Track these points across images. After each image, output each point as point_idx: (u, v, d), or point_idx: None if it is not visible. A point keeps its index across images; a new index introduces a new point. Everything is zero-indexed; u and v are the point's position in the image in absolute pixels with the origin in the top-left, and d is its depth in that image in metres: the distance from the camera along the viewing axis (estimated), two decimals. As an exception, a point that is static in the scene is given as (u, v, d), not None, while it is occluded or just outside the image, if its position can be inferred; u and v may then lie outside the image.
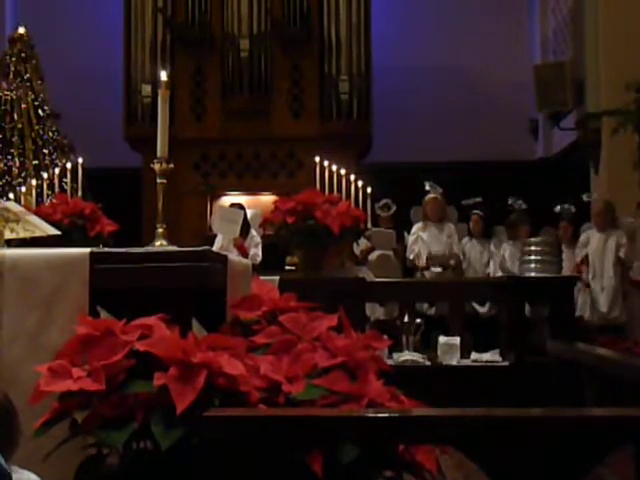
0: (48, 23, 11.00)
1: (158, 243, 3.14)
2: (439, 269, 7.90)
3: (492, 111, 11.29)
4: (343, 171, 6.86)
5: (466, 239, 8.31)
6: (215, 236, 7.59)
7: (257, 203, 9.74)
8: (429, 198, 8.12)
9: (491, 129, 11.15)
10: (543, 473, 1.97)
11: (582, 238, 7.79)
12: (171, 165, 3.20)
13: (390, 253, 8.21)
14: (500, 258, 8.11)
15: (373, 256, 8.11)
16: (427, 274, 7.99)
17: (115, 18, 10.88)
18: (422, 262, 8.04)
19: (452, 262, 8.00)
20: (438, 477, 2.50)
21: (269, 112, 10.65)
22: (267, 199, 9.59)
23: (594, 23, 9.23)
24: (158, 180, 3.21)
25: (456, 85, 11.44)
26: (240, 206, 7.92)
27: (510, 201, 8.13)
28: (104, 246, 6.05)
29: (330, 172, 6.81)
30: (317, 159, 6.93)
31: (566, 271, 7.23)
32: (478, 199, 8.40)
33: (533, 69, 10.26)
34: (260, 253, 7.39)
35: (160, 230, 3.19)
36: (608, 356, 4.95)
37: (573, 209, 8.01)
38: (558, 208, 8.11)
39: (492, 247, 8.26)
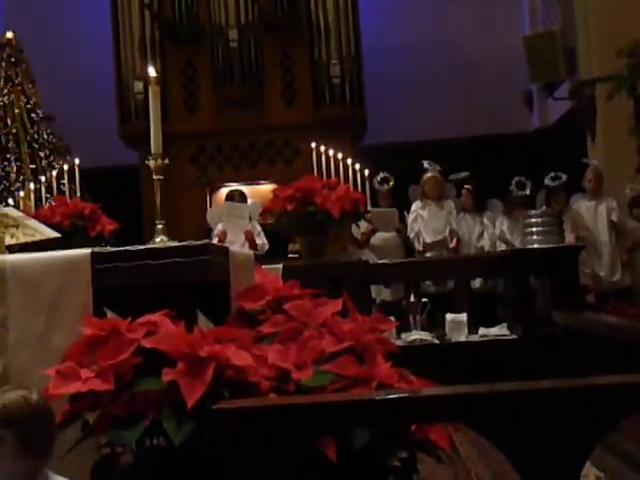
0: (36, 26, 10.95)
1: (158, 239, 3.15)
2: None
3: (485, 85, 11.26)
4: (340, 155, 6.84)
5: (461, 214, 8.30)
6: (211, 229, 7.59)
7: (256, 193, 9.73)
8: (427, 177, 8.11)
9: (485, 103, 11.11)
10: (557, 443, 1.97)
11: (573, 208, 7.77)
12: (166, 161, 3.19)
13: (393, 234, 8.20)
14: (495, 230, 8.09)
15: (376, 239, 8.10)
16: (428, 254, 7.99)
17: (102, 17, 10.84)
18: (419, 246, 8.03)
19: (452, 245, 7.98)
20: (452, 455, 2.51)
21: (262, 101, 10.62)
22: (266, 188, 9.59)
23: (582, -11, 9.18)
24: (154, 176, 3.21)
25: (447, 61, 11.40)
26: (240, 193, 7.90)
27: (512, 186, 8.09)
28: (106, 245, 6.05)
29: (327, 157, 6.80)
30: (313, 145, 6.91)
31: (568, 239, 7.22)
32: (466, 173, 8.38)
33: (523, 40, 10.21)
34: (266, 241, 7.39)
35: (160, 226, 3.20)
36: (616, 323, 4.96)
37: (564, 177, 7.99)
38: (548, 180, 8.09)
39: (485, 220, 8.25)
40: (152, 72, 3.24)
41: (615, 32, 8.29)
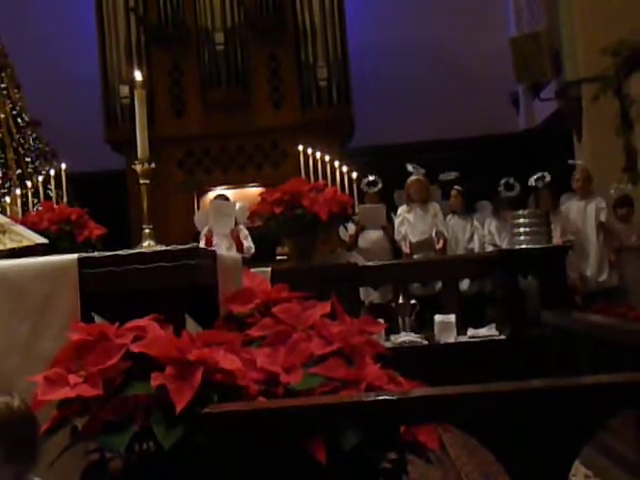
0: (21, 30, 10.92)
1: (146, 244, 3.14)
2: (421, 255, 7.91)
3: (472, 86, 11.29)
4: (327, 158, 6.85)
5: (449, 215, 8.31)
6: (199, 233, 7.59)
7: (244, 196, 9.72)
8: (412, 180, 8.11)
9: (472, 104, 11.15)
10: (546, 443, 1.98)
11: (563, 211, 7.82)
12: (152, 165, 3.19)
13: (381, 236, 8.20)
14: (484, 233, 8.10)
15: (364, 242, 8.10)
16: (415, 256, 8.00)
17: (88, 21, 10.81)
18: (406, 249, 8.04)
19: (439, 246, 7.98)
20: (441, 456, 2.51)
21: (249, 104, 10.62)
22: (254, 191, 9.58)
23: (567, -10, 9.22)
24: (141, 181, 3.20)
25: (434, 62, 11.44)
26: (225, 197, 7.91)
27: (501, 187, 8.09)
28: (93, 250, 6.03)
29: (314, 160, 6.80)
30: (301, 147, 6.92)
31: (556, 240, 7.25)
32: (455, 174, 8.38)
33: (510, 41, 10.26)
34: (252, 245, 7.40)
35: (147, 231, 3.19)
36: (604, 323, 4.97)
37: (548, 177, 8.00)
38: (532, 181, 8.11)
39: (475, 222, 8.26)
40: (138, 76, 3.24)
41: (600, 33, 8.33)
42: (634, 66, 7.70)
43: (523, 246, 6.60)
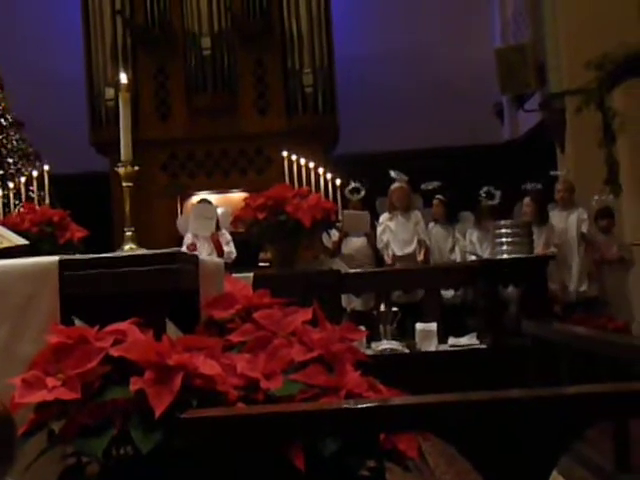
0: (6, 30, 10.87)
1: (127, 247, 3.13)
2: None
3: (457, 96, 11.34)
4: (312, 164, 6.85)
5: (431, 224, 8.32)
6: (182, 237, 7.57)
7: (227, 201, 9.72)
8: (394, 187, 8.12)
9: (457, 114, 11.20)
10: (524, 452, 1.99)
11: (550, 223, 7.85)
12: (136, 168, 3.18)
13: (364, 243, 8.21)
14: (466, 243, 8.11)
15: (347, 249, 8.10)
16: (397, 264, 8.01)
17: (74, 22, 10.78)
18: (388, 259, 8.05)
19: (420, 257, 7.99)
20: (420, 464, 2.51)
21: (235, 109, 10.62)
22: (237, 196, 9.58)
23: (552, 2, 9.29)
24: (124, 183, 3.19)
25: (420, 72, 11.48)
26: (208, 202, 7.90)
27: (481, 196, 8.11)
28: (74, 253, 6.00)
29: (299, 166, 6.80)
30: (285, 154, 6.92)
31: (537, 250, 7.28)
32: (436, 183, 8.40)
33: (495, 52, 10.32)
34: (234, 250, 7.39)
35: (129, 234, 3.18)
36: (583, 334, 5.00)
37: (539, 186, 8.04)
38: (527, 186, 8.14)
39: (457, 234, 8.27)
40: (123, 78, 3.23)
41: (584, 46, 8.39)
42: (617, 80, 7.76)
43: (505, 256, 6.62)
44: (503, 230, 6.73)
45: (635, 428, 3.88)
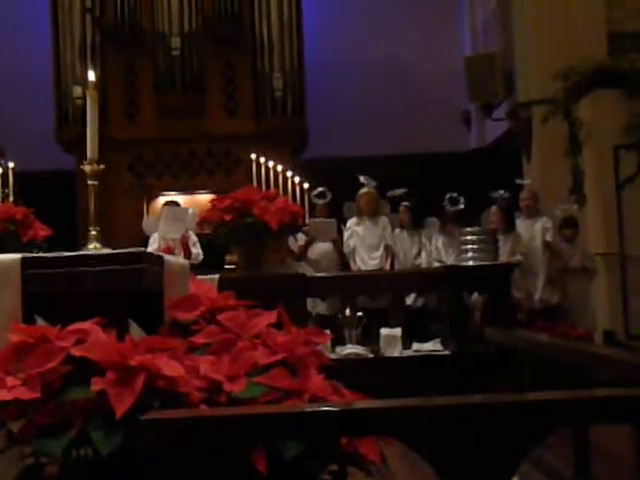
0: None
1: (91, 246, 3.10)
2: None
3: (425, 103, 11.40)
4: (280, 167, 6.85)
5: (397, 230, 8.34)
6: (147, 238, 7.52)
7: (194, 202, 9.67)
8: (362, 192, 8.13)
9: (425, 121, 11.26)
10: (485, 458, 2.00)
11: (516, 231, 7.91)
12: (102, 166, 3.15)
13: (330, 248, 8.21)
14: (432, 249, 8.15)
15: (313, 253, 8.10)
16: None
17: (43, 19, 10.67)
18: (354, 265, 8.05)
19: (387, 267, 8.00)
20: (382, 468, 2.52)
21: (204, 110, 10.59)
22: (204, 198, 9.54)
23: (521, 13, 9.38)
24: (89, 182, 3.16)
25: (389, 78, 11.53)
26: (176, 204, 7.85)
27: (445, 202, 8.13)
28: (38, 251, 5.93)
29: (267, 169, 6.79)
30: (253, 156, 6.90)
31: (502, 258, 7.33)
32: (402, 190, 8.42)
33: (464, 60, 10.39)
34: (201, 251, 7.35)
35: (93, 232, 3.15)
36: (546, 341, 5.05)
37: (506, 195, 8.10)
38: (494, 194, 8.19)
39: (423, 238, 8.30)
40: (91, 76, 3.20)
41: (552, 56, 8.48)
42: (583, 91, 7.85)
43: (470, 263, 6.67)
44: (469, 237, 6.78)
45: (595, 435, 3.93)
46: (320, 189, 8.21)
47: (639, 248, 7.89)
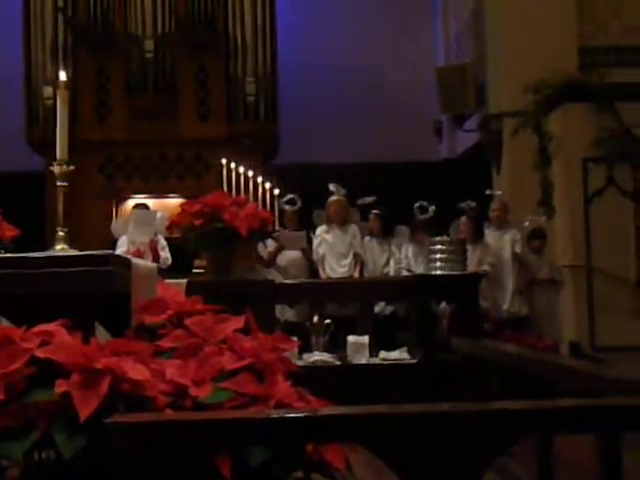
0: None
1: (59, 247, 3.07)
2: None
3: (397, 112, 11.45)
4: (250, 173, 6.83)
5: (367, 238, 8.35)
6: (116, 240, 7.46)
7: (164, 206, 9.61)
8: (332, 200, 8.12)
9: (396, 130, 11.30)
10: (450, 466, 2.00)
11: (485, 241, 7.95)
12: (71, 167, 3.13)
13: (299, 255, 8.20)
14: (401, 257, 8.16)
15: (282, 260, 8.09)
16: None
17: (14, 18, 10.57)
18: (323, 273, 8.04)
19: (356, 274, 8.01)
20: (347, 476, 2.51)
21: (175, 113, 10.54)
22: (174, 202, 9.48)
23: (494, 26, 9.47)
24: (58, 183, 3.13)
25: (361, 86, 11.56)
26: (146, 207, 7.81)
27: (415, 210, 8.15)
28: (6, 252, 5.85)
29: (237, 174, 6.77)
30: (224, 161, 6.88)
31: (470, 268, 7.38)
32: (372, 198, 8.43)
33: (436, 71, 10.46)
34: (169, 256, 7.32)
35: (61, 234, 3.12)
36: (512, 352, 5.08)
37: (474, 204, 8.13)
38: (462, 205, 8.23)
39: (393, 247, 8.31)
40: (62, 76, 3.18)
41: (524, 69, 8.57)
42: (553, 104, 7.95)
43: (438, 272, 6.70)
44: (438, 247, 6.81)
45: (559, 444, 3.96)
46: (290, 196, 8.19)
47: (606, 261, 8.01)
